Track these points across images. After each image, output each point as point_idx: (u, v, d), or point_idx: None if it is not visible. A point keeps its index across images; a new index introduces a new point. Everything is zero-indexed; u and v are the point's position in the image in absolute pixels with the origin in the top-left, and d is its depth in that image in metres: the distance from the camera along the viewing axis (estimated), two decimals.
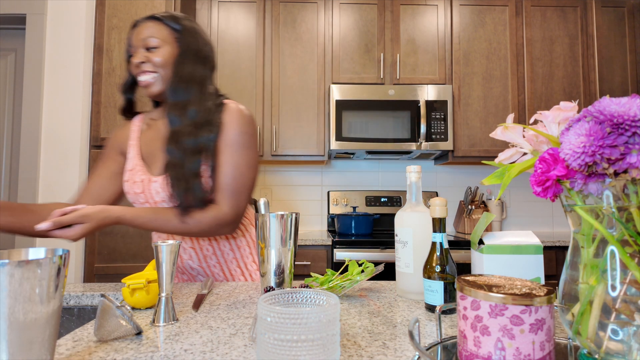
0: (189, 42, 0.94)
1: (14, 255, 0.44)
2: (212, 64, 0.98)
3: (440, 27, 2.42)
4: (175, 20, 0.94)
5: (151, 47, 0.91)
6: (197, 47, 0.95)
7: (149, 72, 0.91)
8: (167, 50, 0.91)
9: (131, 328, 0.54)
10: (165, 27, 0.93)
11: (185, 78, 0.91)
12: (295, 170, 2.69)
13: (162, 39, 0.91)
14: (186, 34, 0.94)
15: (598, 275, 0.41)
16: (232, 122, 0.92)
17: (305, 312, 0.38)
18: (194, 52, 0.94)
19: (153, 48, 0.91)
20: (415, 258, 0.76)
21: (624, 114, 0.37)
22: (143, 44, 0.91)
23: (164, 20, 0.93)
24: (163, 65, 0.91)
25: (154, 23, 0.92)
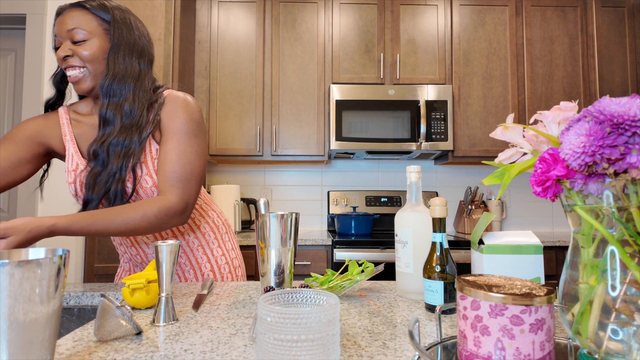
0: (121, 34, 0.87)
1: (14, 255, 0.44)
2: (149, 57, 0.93)
3: (440, 27, 2.42)
4: (104, 9, 0.86)
5: (78, 40, 0.84)
6: (132, 39, 0.88)
7: (77, 67, 0.84)
8: (95, 43, 0.85)
9: (131, 328, 0.54)
10: (93, 17, 0.85)
11: (119, 75, 0.85)
12: (295, 170, 2.69)
13: (90, 31, 0.84)
14: (118, 25, 0.87)
15: (598, 275, 0.41)
16: (176, 110, 0.88)
17: (305, 312, 0.38)
18: (127, 46, 0.87)
19: (80, 41, 0.84)
20: (415, 258, 0.76)
21: (624, 114, 0.37)
22: (68, 35, 0.84)
23: (91, 9, 0.85)
24: (91, 60, 0.84)
25: (81, 12, 0.84)
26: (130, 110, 0.85)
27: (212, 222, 1.03)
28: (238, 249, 1.10)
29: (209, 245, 1.01)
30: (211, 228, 1.02)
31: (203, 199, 1.05)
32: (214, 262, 1.00)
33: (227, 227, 1.08)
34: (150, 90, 0.91)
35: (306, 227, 2.67)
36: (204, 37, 2.40)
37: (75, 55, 0.84)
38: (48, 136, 0.92)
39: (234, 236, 1.11)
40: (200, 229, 1.00)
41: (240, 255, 1.10)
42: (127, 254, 1.01)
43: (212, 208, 1.06)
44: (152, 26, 2.08)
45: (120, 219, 0.78)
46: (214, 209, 1.07)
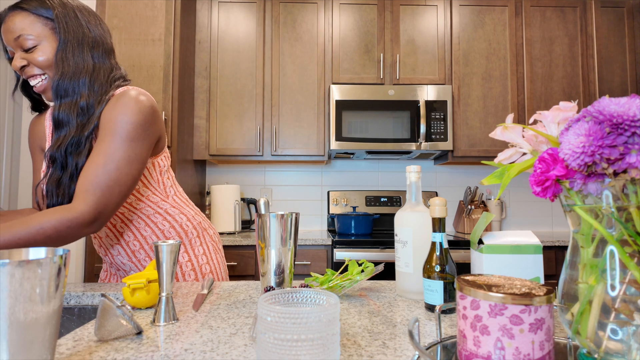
0: (67, 29, 0.81)
1: (15, 255, 0.44)
2: (104, 47, 0.87)
3: (440, 28, 2.43)
4: (44, 6, 0.80)
5: (28, 47, 0.79)
6: (79, 32, 0.82)
7: (37, 75, 0.81)
8: (46, 46, 0.80)
9: (131, 328, 0.54)
10: (36, 18, 0.79)
11: (69, 73, 0.80)
12: (295, 170, 2.69)
13: (37, 35, 0.79)
14: (61, 20, 0.80)
15: (597, 275, 0.41)
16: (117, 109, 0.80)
17: (305, 312, 0.38)
18: (76, 40, 0.82)
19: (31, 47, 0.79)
20: (415, 258, 0.76)
21: (623, 114, 0.38)
22: (17, 44, 0.79)
23: (31, 10, 0.79)
24: (49, 65, 0.80)
25: (22, 16, 0.79)
26: (86, 106, 0.81)
27: (179, 226, 0.97)
28: (214, 254, 1.04)
29: None
30: (177, 233, 0.97)
31: (170, 202, 0.98)
32: (177, 268, 0.95)
33: (199, 230, 1.02)
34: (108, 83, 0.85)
35: (306, 227, 2.67)
36: (204, 37, 2.40)
37: (31, 64, 0.80)
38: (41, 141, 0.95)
39: (210, 240, 1.05)
40: (165, 234, 0.96)
41: (216, 260, 1.03)
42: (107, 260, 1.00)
43: (182, 211, 0.99)
44: (152, 26, 2.08)
45: (9, 235, 0.67)
46: (185, 212, 1.00)
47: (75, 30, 0.82)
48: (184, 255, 0.98)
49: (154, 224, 0.95)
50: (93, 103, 0.81)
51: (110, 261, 0.98)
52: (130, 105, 0.80)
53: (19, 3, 0.80)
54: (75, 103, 0.80)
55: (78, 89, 0.81)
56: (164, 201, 0.96)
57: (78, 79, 0.81)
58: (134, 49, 2.08)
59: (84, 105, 0.81)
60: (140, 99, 0.82)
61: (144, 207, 0.93)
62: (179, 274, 0.97)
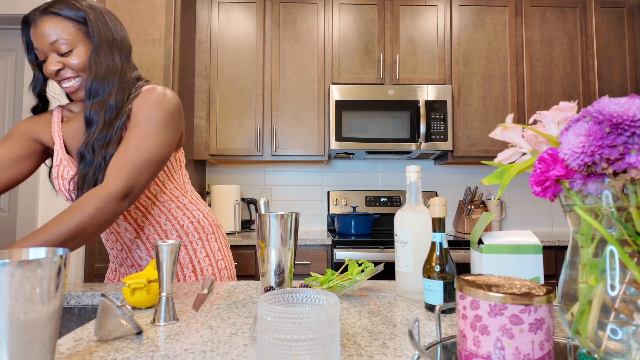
0: (99, 33, 0.84)
1: (15, 255, 0.44)
2: (128, 48, 0.91)
3: (440, 28, 2.43)
4: (77, 11, 0.83)
5: (64, 52, 0.82)
6: (109, 35, 0.86)
7: (71, 77, 0.84)
8: (81, 50, 0.83)
9: (132, 328, 0.54)
10: (69, 23, 0.82)
11: (101, 74, 0.84)
12: (295, 170, 2.69)
13: (72, 40, 0.82)
14: (95, 23, 0.84)
15: (597, 275, 0.41)
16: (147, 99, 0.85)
17: (305, 312, 0.38)
18: (107, 43, 0.85)
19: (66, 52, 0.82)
20: (414, 258, 0.76)
21: (623, 114, 0.38)
22: (52, 48, 0.81)
23: (65, 15, 0.82)
24: (83, 68, 0.84)
25: (56, 20, 0.81)
26: (115, 103, 0.84)
27: (197, 222, 1.01)
28: (227, 250, 1.08)
29: (192, 246, 0.99)
30: (195, 228, 1.00)
31: (189, 198, 1.02)
32: (196, 263, 0.99)
33: (214, 227, 1.06)
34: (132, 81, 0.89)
35: (306, 227, 2.67)
36: (204, 38, 2.40)
37: (66, 68, 0.83)
38: (40, 133, 0.94)
39: (223, 237, 1.09)
40: (184, 228, 0.99)
41: (228, 256, 1.07)
42: (119, 258, 1.01)
43: (199, 208, 1.04)
44: (152, 26, 2.08)
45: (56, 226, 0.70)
46: (201, 208, 1.04)
47: (106, 33, 0.86)
48: (201, 250, 1.00)
49: (174, 219, 0.98)
50: (121, 100, 0.86)
51: (126, 256, 0.98)
52: (162, 97, 0.86)
53: (49, 7, 0.81)
54: (105, 102, 0.84)
55: (108, 89, 0.85)
56: (183, 196, 1.00)
57: (108, 80, 0.85)
58: (134, 49, 2.08)
59: (112, 103, 0.84)
60: (169, 93, 0.88)
61: (166, 201, 0.96)
62: (197, 269, 0.99)
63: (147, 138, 0.82)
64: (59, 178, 0.89)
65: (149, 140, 0.82)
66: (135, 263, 0.99)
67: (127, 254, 0.99)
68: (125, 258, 1.00)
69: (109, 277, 1.06)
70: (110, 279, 1.05)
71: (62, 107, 0.97)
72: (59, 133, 0.92)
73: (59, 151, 0.91)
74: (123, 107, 0.86)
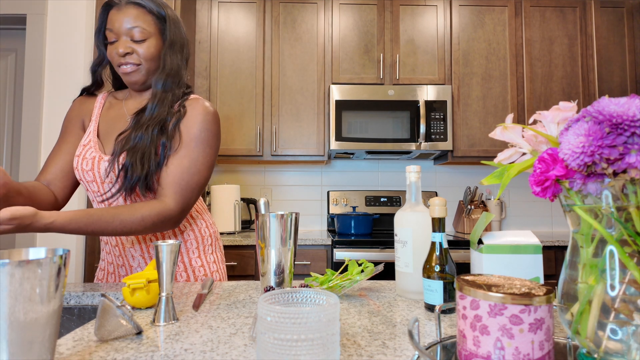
0: (175, 32, 0.92)
1: (15, 255, 0.44)
2: (188, 53, 0.98)
3: (440, 28, 2.43)
4: (160, 8, 0.91)
5: (138, 39, 0.88)
6: (180, 38, 0.94)
7: (135, 64, 0.89)
8: (153, 43, 0.90)
9: (131, 328, 0.54)
10: (150, 16, 0.89)
11: (171, 71, 0.91)
12: (295, 170, 2.69)
13: (149, 31, 0.89)
14: (171, 24, 0.92)
15: (597, 275, 0.41)
16: (196, 117, 0.90)
17: (305, 312, 0.38)
18: (179, 43, 0.93)
19: (140, 40, 0.88)
20: (414, 258, 0.76)
21: (622, 114, 0.38)
22: (128, 33, 0.87)
23: (149, 8, 0.89)
24: (150, 58, 0.90)
25: (140, 11, 0.88)
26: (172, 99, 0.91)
27: (198, 231, 1.01)
28: (222, 264, 1.07)
29: (188, 254, 0.99)
30: (195, 237, 1.00)
31: (196, 207, 1.03)
32: (190, 272, 0.98)
33: (214, 239, 1.06)
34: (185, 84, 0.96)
35: (306, 227, 2.67)
36: (204, 37, 2.40)
37: (134, 53, 0.88)
38: (85, 119, 0.99)
39: (220, 250, 1.08)
40: (184, 236, 0.99)
41: (222, 270, 1.07)
42: (111, 254, 0.99)
43: (203, 217, 1.04)
44: None
45: (118, 221, 0.79)
46: (205, 218, 1.05)
47: (180, 35, 0.94)
48: (197, 260, 1.00)
49: None
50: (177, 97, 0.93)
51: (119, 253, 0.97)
52: (208, 115, 0.92)
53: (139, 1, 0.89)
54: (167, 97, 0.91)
55: (172, 86, 0.92)
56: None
57: (174, 77, 0.92)
58: None
59: (172, 99, 0.92)
60: (210, 109, 0.93)
61: None
62: (191, 278, 0.99)
63: (197, 161, 0.89)
64: (80, 156, 0.92)
65: (199, 163, 0.89)
66: (127, 263, 0.98)
67: (120, 251, 0.97)
68: (117, 255, 0.98)
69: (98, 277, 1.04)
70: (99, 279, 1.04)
71: (108, 93, 1.03)
72: (97, 117, 0.97)
73: (91, 132, 0.94)
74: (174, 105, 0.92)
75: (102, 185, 0.90)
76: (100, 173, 0.89)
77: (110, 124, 0.95)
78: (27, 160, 1.95)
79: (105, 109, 0.98)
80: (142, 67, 0.90)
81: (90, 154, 0.90)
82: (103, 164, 0.89)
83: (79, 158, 0.91)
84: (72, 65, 2.03)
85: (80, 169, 0.91)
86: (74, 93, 2.02)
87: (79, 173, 0.92)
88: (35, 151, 1.98)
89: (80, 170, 0.91)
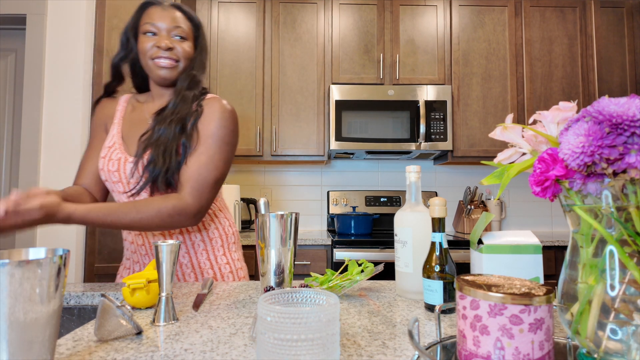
0: (203, 41, 1.01)
1: (14, 255, 0.44)
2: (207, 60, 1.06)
3: (440, 28, 2.43)
4: (195, 17, 1.00)
5: (180, 36, 0.95)
6: (206, 46, 1.02)
7: (173, 59, 0.93)
8: (189, 44, 0.97)
9: (131, 328, 0.54)
10: (189, 22, 0.98)
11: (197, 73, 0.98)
12: (295, 170, 2.69)
13: (188, 34, 0.96)
14: (202, 33, 1.01)
15: (597, 275, 0.41)
16: (213, 114, 0.93)
17: (305, 312, 0.38)
18: (205, 51, 1.02)
19: (181, 37, 0.95)
20: (414, 258, 0.76)
21: (622, 114, 0.38)
22: (172, 28, 0.94)
23: (189, 16, 0.98)
24: (186, 57, 0.96)
25: (181, 15, 0.96)
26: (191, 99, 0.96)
27: (222, 229, 1.04)
28: (244, 262, 1.10)
29: (214, 252, 1.01)
30: (220, 235, 1.03)
31: (218, 205, 1.06)
32: (217, 269, 1.00)
33: (236, 237, 1.09)
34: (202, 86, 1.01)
35: (306, 227, 2.67)
36: None
37: (175, 49, 0.94)
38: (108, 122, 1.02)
39: (240, 249, 1.11)
40: (209, 234, 1.01)
41: (245, 268, 1.09)
42: (136, 254, 1.00)
43: (226, 216, 1.07)
44: None
45: (135, 211, 0.81)
46: (228, 217, 1.08)
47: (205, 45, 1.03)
48: (222, 257, 1.02)
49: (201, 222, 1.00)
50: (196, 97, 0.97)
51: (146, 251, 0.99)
52: (225, 113, 0.94)
53: (179, 6, 0.97)
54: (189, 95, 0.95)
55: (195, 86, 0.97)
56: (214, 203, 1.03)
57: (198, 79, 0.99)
58: None
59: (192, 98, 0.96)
60: (228, 107, 0.96)
61: None
62: (217, 275, 1.00)
63: (214, 157, 0.91)
64: (106, 158, 0.94)
65: (216, 159, 0.91)
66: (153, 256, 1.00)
67: (146, 250, 0.99)
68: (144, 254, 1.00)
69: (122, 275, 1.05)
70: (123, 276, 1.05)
71: (130, 96, 1.05)
72: (120, 120, 1.00)
73: (115, 135, 0.97)
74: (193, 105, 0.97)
75: (128, 186, 0.93)
76: (126, 173, 0.91)
77: (132, 127, 0.98)
78: (27, 160, 1.95)
79: (128, 112, 1.01)
80: (179, 65, 0.95)
81: (116, 155, 0.93)
82: (128, 165, 0.91)
83: (105, 159, 0.94)
84: (72, 65, 2.03)
85: (106, 170, 0.94)
86: (73, 93, 2.02)
87: (104, 174, 0.94)
88: (35, 151, 1.98)
89: (107, 171, 0.94)
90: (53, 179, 1.99)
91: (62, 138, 2.00)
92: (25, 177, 1.96)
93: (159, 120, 0.92)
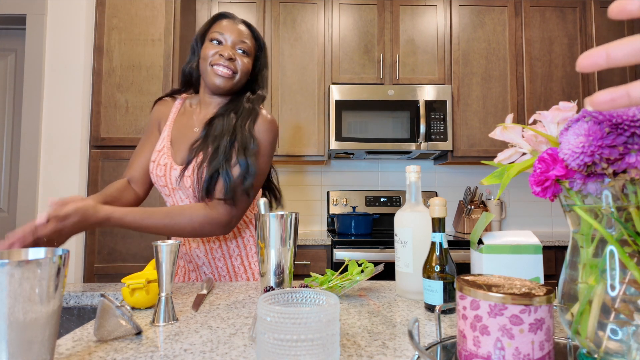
0: (264, 59, 1.04)
1: (14, 255, 0.44)
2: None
3: (440, 28, 2.42)
4: (261, 38, 1.03)
5: (243, 50, 0.97)
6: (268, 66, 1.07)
7: (232, 70, 0.95)
8: (248, 60, 0.99)
9: (131, 328, 0.54)
10: (254, 41, 1.01)
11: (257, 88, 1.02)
12: (295, 170, 2.69)
13: (251, 50, 0.99)
14: (264, 54, 1.04)
15: (597, 275, 0.41)
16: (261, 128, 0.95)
17: (305, 312, 0.38)
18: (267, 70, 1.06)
19: (243, 51, 0.97)
20: (414, 258, 0.76)
21: (622, 114, 0.38)
22: (237, 43, 0.96)
23: (255, 34, 1.02)
24: (245, 71, 0.98)
25: (249, 32, 1.00)
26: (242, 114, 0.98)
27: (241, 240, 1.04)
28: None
29: (247, 257, 1.03)
30: (254, 242, 1.04)
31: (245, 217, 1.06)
32: (250, 274, 1.02)
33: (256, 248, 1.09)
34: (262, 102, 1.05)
35: (306, 227, 2.67)
36: None
37: (236, 61, 0.96)
38: (162, 122, 1.04)
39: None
40: (244, 241, 1.03)
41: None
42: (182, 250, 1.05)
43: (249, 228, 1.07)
44: (152, 26, 2.08)
45: (169, 218, 0.83)
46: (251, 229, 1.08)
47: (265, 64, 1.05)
48: (255, 263, 1.04)
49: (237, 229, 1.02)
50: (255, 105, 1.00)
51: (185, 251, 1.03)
52: (264, 125, 0.96)
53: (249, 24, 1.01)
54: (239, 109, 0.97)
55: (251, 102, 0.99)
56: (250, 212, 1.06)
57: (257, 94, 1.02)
58: (134, 49, 2.08)
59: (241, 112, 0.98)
60: (270, 118, 0.98)
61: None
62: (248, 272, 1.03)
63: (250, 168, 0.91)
64: (155, 162, 0.96)
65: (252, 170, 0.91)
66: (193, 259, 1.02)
67: (186, 249, 1.02)
68: (184, 253, 1.04)
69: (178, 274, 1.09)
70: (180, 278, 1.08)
71: (184, 99, 1.07)
72: (171, 123, 1.01)
73: (165, 138, 0.99)
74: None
75: (173, 192, 0.95)
76: (172, 180, 0.93)
77: (181, 132, 0.99)
78: (27, 160, 1.95)
79: (179, 115, 1.03)
80: (236, 76, 0.97)
81: (164, 161, 0.95)
82: (174, 172, 0.93)
83: (154, 164, 0.97)
84: (72, 65, 2.03)
85: (154, 174, 0.96)
86: (73, 93, 2.02)
87: (153, 177, 0.97)
88: (35, 151, 1.98)
89: (155, 175, 0.96)
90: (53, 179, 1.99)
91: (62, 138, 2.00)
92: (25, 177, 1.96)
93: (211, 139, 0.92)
